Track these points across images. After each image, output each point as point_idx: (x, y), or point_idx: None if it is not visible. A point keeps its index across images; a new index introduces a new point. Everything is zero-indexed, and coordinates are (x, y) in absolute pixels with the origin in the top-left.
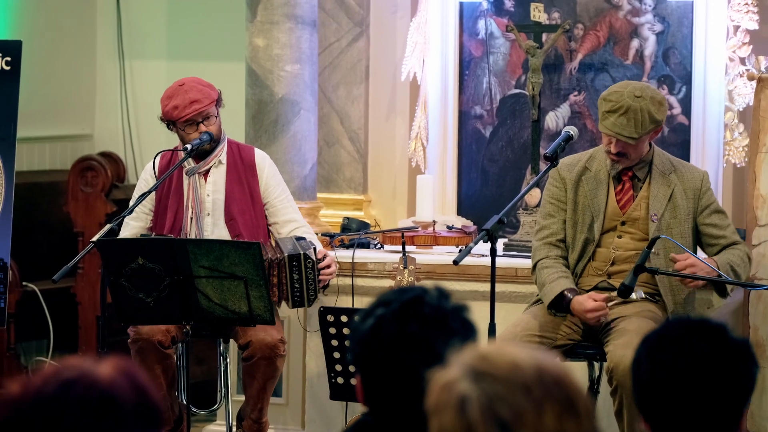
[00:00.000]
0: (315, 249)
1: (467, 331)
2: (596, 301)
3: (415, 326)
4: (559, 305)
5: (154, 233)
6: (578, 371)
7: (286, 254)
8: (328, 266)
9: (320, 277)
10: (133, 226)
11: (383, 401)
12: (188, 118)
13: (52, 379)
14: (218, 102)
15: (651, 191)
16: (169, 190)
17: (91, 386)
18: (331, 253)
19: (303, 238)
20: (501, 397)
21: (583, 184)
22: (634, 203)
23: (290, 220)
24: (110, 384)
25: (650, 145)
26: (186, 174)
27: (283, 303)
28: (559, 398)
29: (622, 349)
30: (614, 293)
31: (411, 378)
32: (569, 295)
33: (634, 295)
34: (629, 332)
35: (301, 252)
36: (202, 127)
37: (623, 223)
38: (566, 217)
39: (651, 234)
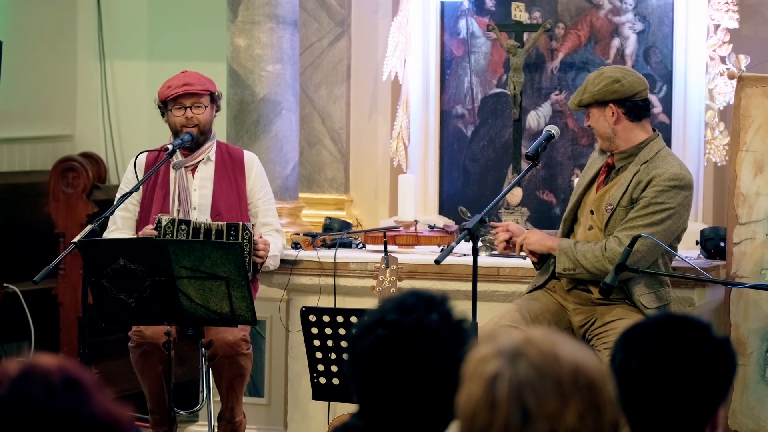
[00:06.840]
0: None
1: (462, 346)
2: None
3: (415, 354)
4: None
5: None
6: None
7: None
8: (265, 243)
9: (256, 252)
10: (123, 216)
11: (376, 411)
12: (178, 95)
13: (3, 380)
14: (213, 98)
15: (619, 181)
16: (155, 184)
17: (46, 373)
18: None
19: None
20: (531, 384)
21: (587, 168)
22: (599, 193)
23: (266, 223)
24: (62, 367)
25: (646, 140)
26: (173, 168)
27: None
28: (587, 401)
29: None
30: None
31: (406, 392)
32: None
33: None
34: (619, 330)
35: (240, 223)
36: (189, 113)
37: (592, 213)
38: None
39: (604, 224)
